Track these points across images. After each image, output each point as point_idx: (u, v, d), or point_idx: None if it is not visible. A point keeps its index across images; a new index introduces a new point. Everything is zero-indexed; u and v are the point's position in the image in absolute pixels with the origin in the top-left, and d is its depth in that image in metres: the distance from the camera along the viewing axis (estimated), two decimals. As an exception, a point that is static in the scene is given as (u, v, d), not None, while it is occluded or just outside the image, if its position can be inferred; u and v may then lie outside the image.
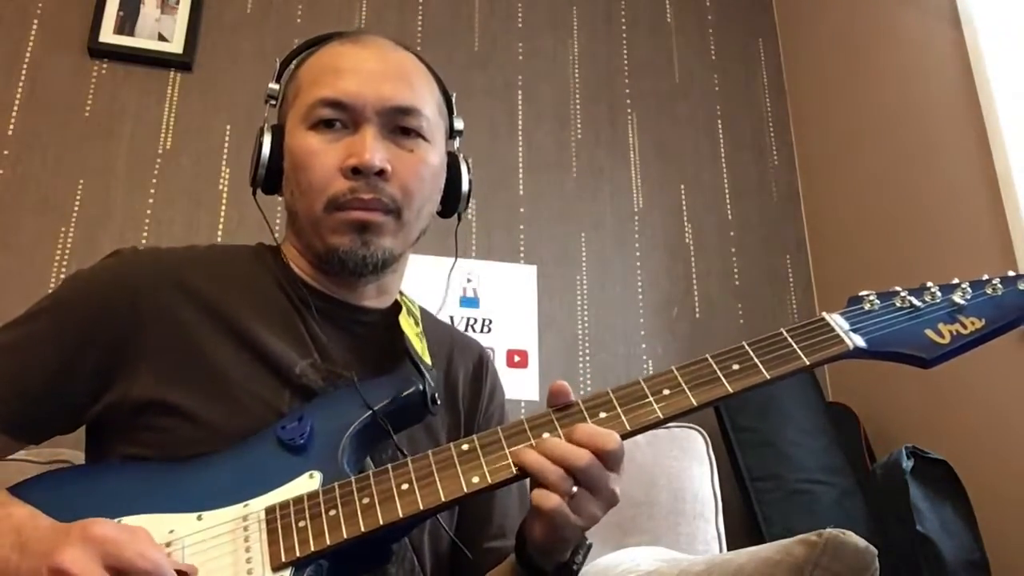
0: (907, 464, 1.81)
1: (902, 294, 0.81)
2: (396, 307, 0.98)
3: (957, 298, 0.79)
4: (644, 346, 2.30)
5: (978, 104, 1.96)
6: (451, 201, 1.02)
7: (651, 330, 2.33)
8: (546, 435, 0.75)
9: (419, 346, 0.93)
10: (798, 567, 0.93)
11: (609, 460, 0.72)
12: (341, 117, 0.90)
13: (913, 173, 2.17)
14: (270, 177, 0.94)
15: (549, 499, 0.71)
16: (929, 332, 0.77)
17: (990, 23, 2.00)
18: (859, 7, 2.43)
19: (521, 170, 2.39)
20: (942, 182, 2.08)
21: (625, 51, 2.61)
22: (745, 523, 1.97)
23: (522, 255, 2.31)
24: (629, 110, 2.55)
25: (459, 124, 1.02)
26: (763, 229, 2.53)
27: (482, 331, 2.20)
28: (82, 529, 0.66)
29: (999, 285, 0.80)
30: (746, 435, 2.02)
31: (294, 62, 1.01)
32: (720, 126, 2.61)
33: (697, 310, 2.39)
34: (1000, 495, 1.80)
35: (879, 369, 0.98)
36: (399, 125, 0.92)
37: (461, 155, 1.01)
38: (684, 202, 2.50)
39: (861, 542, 0.93)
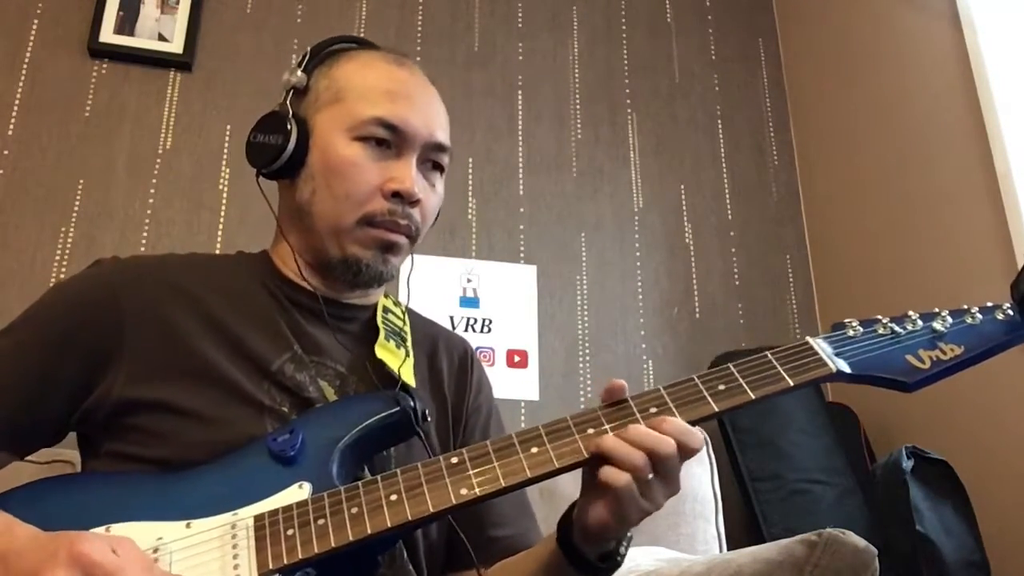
0: (907, 464, 1.81)
1: (884, 321, 0.84)
2: (374, 310, 1.02)
3: (937, 325, 0.82)
4: (644, 346, 2.30)
5: (978, 104, 1.96)
6: None
7: (651, 330, 2.33)
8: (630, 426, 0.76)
9: (399, 366, 0.95)
10: (798, 567, 0.93)
11: (691, 455, 0.75)
12: (390, 139, 0.94)
13: (913, 173, 2.17)
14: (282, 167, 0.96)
15: (619, 477, 0.73)
16: (910, 358, 0.80)
17: (990, 23, 2.00)
18: (859, 7, 2.43)
19: (521, 170, 2.39)
20: (942, 182, 2.08)
21: (625, 51, 2.61)
22: (745, 523, 1.97)
23: (522, 255, 2.31)
24: (629, 110, 2.55)
25: None
26: (763, 229, 2.53)
27: (482, 331, 2.20)
28: (69, 547, 0.63)
29: (978, 314, 0.83)
30: (746, 435, 2.02)
31: (324, 58, 1.01)
32: (720, 126, 2.61)
33: (697, 310, 2.39)
34: (1000, 495, 1.80)
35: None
36: (432, 159, 0.98)
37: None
38: (684, 202, 2.50)
39: (861, 542, 0.94)
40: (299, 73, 0.98)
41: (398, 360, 0.95)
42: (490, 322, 2.22)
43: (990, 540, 1.76)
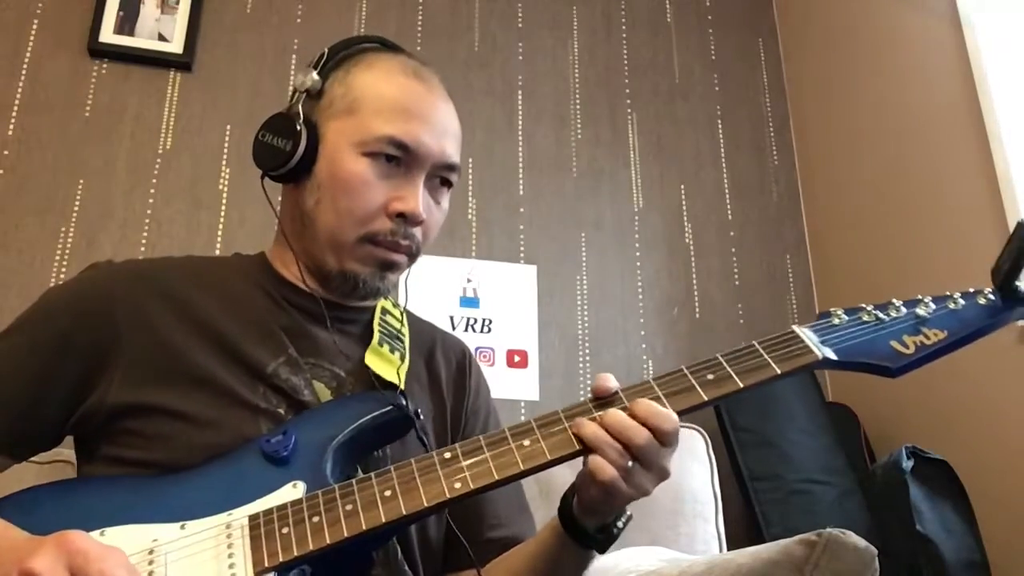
0: (907, 464, 1.81)
1: (868, 308, 0.84)
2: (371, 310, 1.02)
3: (921, 311, 0.83)
4: (644, 346, 2.30)
5: (978, 104, 1.96)
6: None
7: (651, 330, 2.33)
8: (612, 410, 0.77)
9: (392, 370, 0.95)
10: (798, 567, 0.93)
11: (665, 438, 0.76)
12: (400, 156, 0.92)
13: (913, 173, 2.17)
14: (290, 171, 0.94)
15: (606, 471, 0.74)
16: (894, 343, 0.81)
17: (990, 23, 2.00)
18: (859, 7, 2.43)
19: (521, 170, 2.39)
20: (942, 181, 2.08)
21: (625, 51, 2.61)
22: (745, 523, 1.97)
23: (522, 255, 2.31)
24: (629, 110, 2.55)
25: None
26: (763, 229, 2.54)
27: (482, 331, 2.20)
28: (56, 538, 0.65)
29: (960, 299, 0.84)
30: (746, 435, 2.02)
31: (341, 62, 0.98)
32: (720, 126, 2.61)
33: (697, 310, 2.39)
34: (1000, 495, 1.80)
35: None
36: (441, 176, 0.97)
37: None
38: (684, 202, 2.50)
39: (860, 542, 0.93)
40: (314, 76, 0.95)
41: (389, 365, 0.95)
42: (490, 322, 2.22)
43: (990, 540, 1.76)
